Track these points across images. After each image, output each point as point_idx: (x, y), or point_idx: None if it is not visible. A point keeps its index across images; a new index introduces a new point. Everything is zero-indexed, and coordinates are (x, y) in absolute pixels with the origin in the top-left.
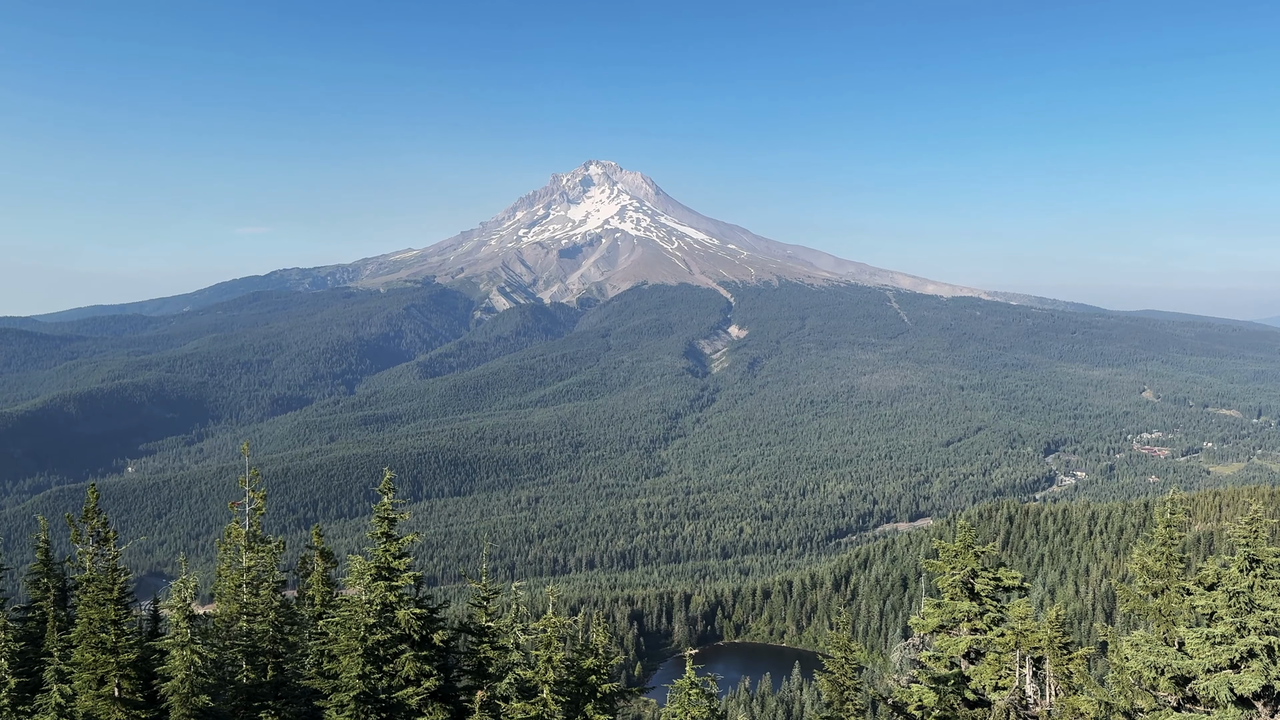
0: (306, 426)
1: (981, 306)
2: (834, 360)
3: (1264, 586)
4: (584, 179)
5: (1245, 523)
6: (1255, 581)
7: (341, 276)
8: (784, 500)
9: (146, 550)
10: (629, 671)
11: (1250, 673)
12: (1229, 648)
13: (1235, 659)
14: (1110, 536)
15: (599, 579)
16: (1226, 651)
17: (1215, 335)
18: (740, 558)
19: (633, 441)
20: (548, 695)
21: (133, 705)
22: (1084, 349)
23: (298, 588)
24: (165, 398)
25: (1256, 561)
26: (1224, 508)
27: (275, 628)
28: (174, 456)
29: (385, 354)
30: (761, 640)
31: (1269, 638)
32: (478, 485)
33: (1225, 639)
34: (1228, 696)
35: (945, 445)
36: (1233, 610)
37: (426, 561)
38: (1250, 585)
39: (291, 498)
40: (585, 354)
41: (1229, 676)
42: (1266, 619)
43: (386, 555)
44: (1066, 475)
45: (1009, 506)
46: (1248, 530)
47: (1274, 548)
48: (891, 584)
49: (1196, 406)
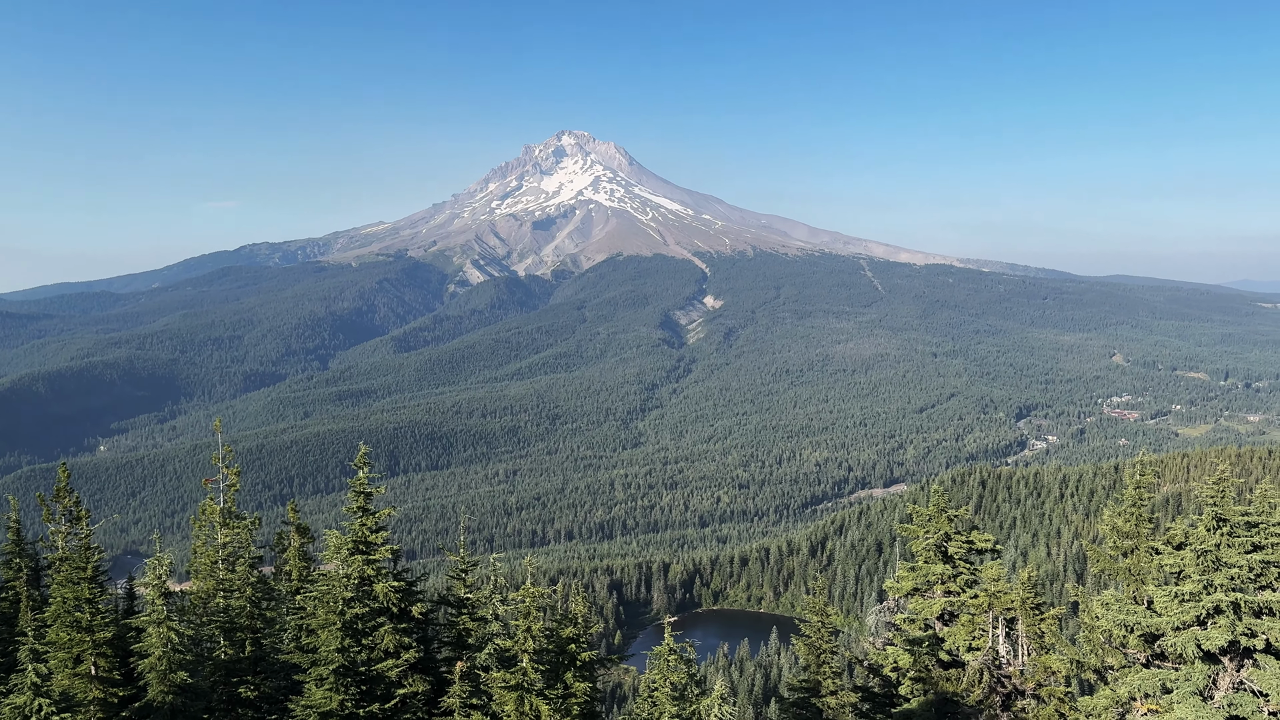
0: (280, 403)
1: (954, 274)
2: (809, 329)
3: (1230, 545)
4: (557, 150)
5: (1212, 483)
6: (1222, 540)
7: (312, 251)
8: (761, 469)
9: (121, 529)
10: (609, 640)
11: (1217, 629)
12: (1196, 605)
13: (1202, 616)
14: (1081, 499)
15: (578, 550)
16: (1194, 609)
17: (1184, 299)
18: (718, 526)
19: (610, 413)
20: (527, 664)
21: (110, 683)
22: (1055, 314)
23: (274, 564)
24: (136, 375)
25: (1223, 520)
26: (1192, 469)
27: (252, 603)
28: (146, 435)
29: (358, 329)
30: (740, 607)
31: (1235, 594)
32: (455, 459)
33: (1193, 596)
34: (1195, 653)
35: (919, 412)
36: (1200, 568)
37: (404, 536)
38: (1217, 544)
39: (267, 474)
40: (561, 326)
41: (1196, 633)
42: (1232, 576)
43: (363, 529)
44: (1038, 439)
45: (981, 471)
46: (1215, 490)
47: (1240, 507)
48: (867, 549)
49: (1165, 370)
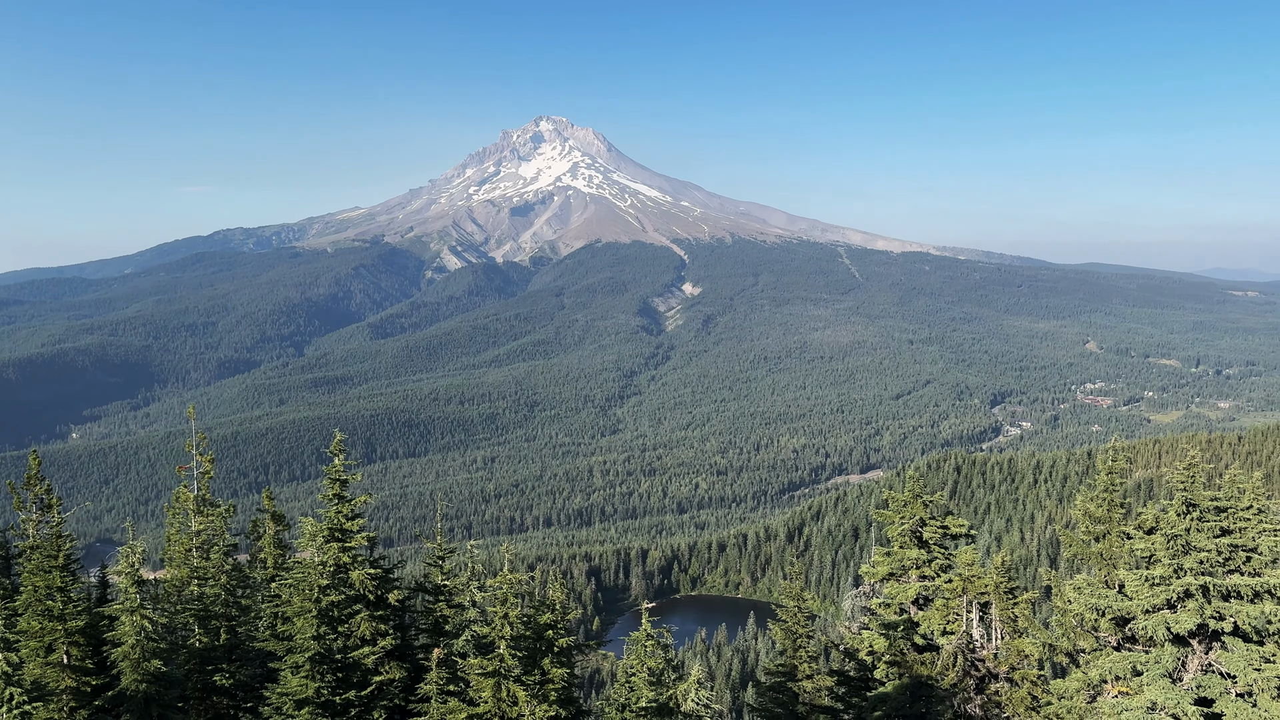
0: (255, 389)
1: (930, 261)
2: (787, 316)
3: (1200, 529)
4: (535, 135)
5: (1183, 469)
6: (1192, 525)
7: (287, 236)
8: (739, 455)
9: (94, 517)
10: (587, 626)
11: (1186, 612)
12: (1166, 588)
13: (1172, 599)
14: (1054, 484)
15: (556, 537)
16: (1164, 592)
17: (1156, 287)
18: (696, 513)
19: (588, 400)
20: (504, 651)
21: (82, 672)
22: (1029, 302)
23: (249, 551)
24: (108, 362)
25: (1193, 505)
26: (1163, 455)
27: (227, 591)
28: (119, 422)
29: (334, 315)
30: (717, 592)
31: (1204, 578)
32: (432, 446)
33: (1163, 580)
34: (1165, 635)
35: (895, 398)
36: (1170, 552)
37: (381, 523)
38: (1187, 528)
39: (242, 462)
40: (539, 313)
41: (1166, 616)
42: (1202, 560)
43: (339, 517)
44: (1012, 426)
45: (956, 457)
46: (1185, 476)
47: (1210, 492)
48: (843, 534)
49: (1138, 357)
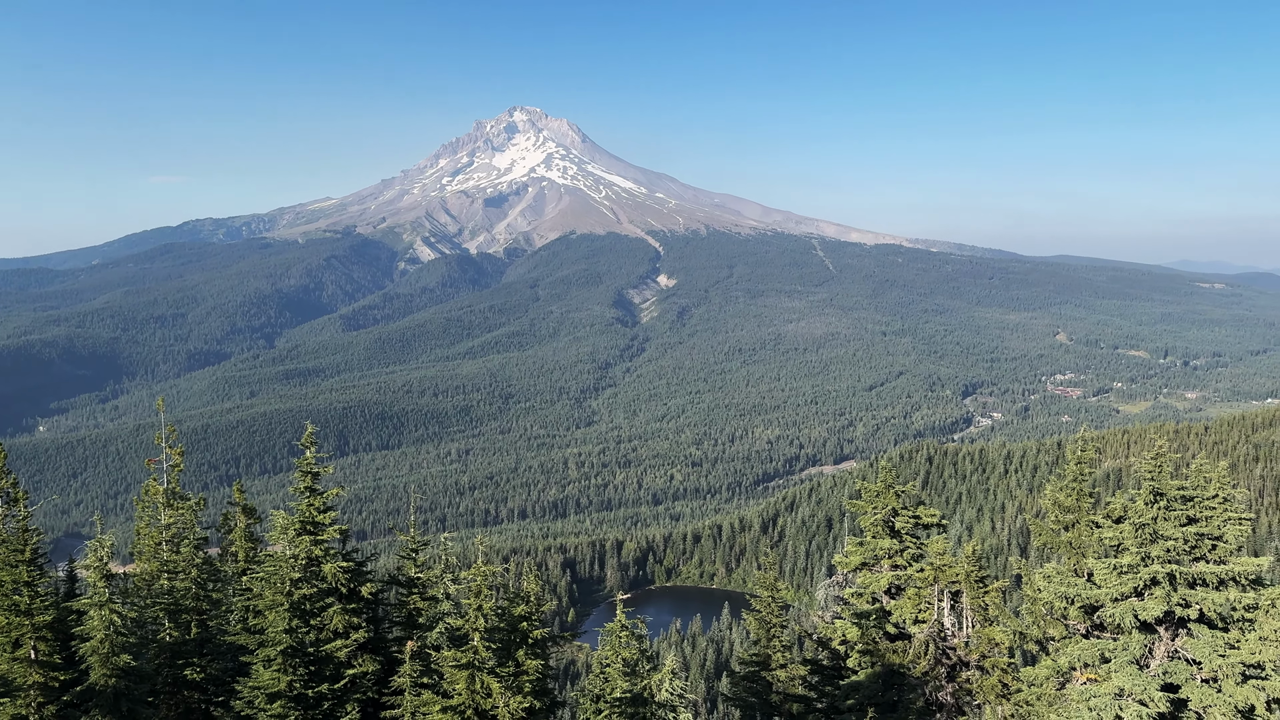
0: (226, 381)
1: (903, 254)
2: (761, 308)
3: (1166, 518)
4: (508, 125)
5: (1150, 458)
6: (1159, 513)
7: (257, 226)
8: (713, 447)
9: (62, 511)
10: (562, 618)
11: (1153, 599)
12: (1134, 576)
13: (1139, 587)
14: (1025, 474)
15: (531, 528)
16: (1132, 580)
17: (1125, 279)
18: (671, 504)
19: (563, 392)
20: (478, 643)
21: (50, 667)
22: (1001, 294)
23: (220, 545)
24: (76, 354)
25: (1160, 495)
26: (1132, 445)
27: (198, 585)
28: (88, 414)
29: (306, 306)
30: (692, 583)
31: (1170, 566)
32: (406, 439)
33: (1131, 568)
34: (1132, 623)
35: (868, 390)
36: (1138, 541)
37: (354, 516)
38: (1154, 517)
39: (213, 454)
40: (513, 305)
41: (1133, 604)
42: (1169, 548)
43: (311, 510)
44: (983, 416)
45: (929, 447)
46: (1153, 465)
47: (1177, 481)
48: (817, 525)
49: (1107, 348)
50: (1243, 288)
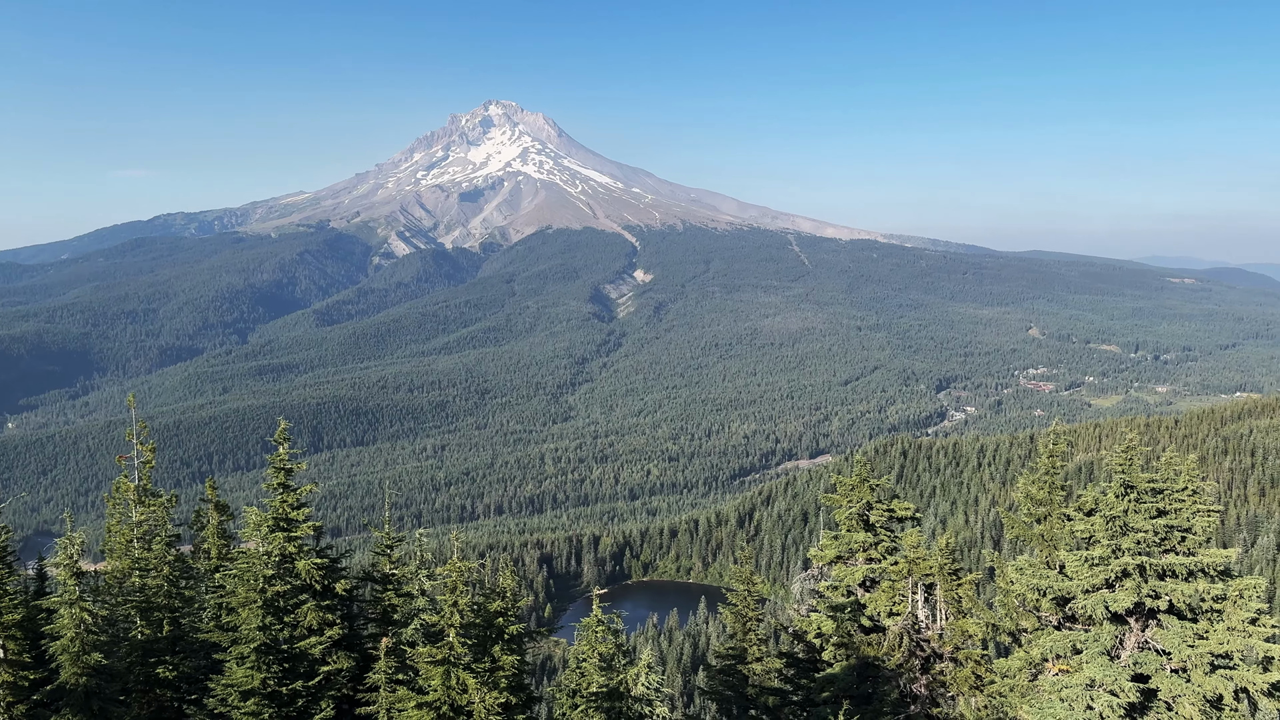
0: (198, 377)
1: (878, 249)
2: (737, 303)
3: (1137, 511)
4: (484, 120)
5: (1121, 451)
6: (1130, 506)
7: (230, 221)
8: (690, 441)
9: (32, 508)
10: (539, 613)
11: (1124, 591)
12: (1105, 568)
13: (1110, 579)
14: (998, 468)
15: (508, 524)
16: (1103, 572)
17: (1097, 274)
18: (648, 499)
19: (539, 387)
20: (454, 639)
21: (19, 666)
22: (974, 289)
23: (193, 542)
24: (45, 350)
25: (1131, 487)
26: (1103, 438)
27: (170, 582)
28: (58, 411)
29: (279, 302)
30: (669, 578)
31: (1140, 558)
32: (381, 435)
33: (1102, 560)
34: (1103, 614)
35: (844, 384)
36: (1109, 533)
37: (329, 512)
38: (1125, 509)
39: (185, 451)
40: (489, 300)
41: (1105, 595)
42: (1139, 540)
43: (284, 506)
44: (957, 410)
45: (903, 441)
46: (1124, 458)
47: (1147, 475)
48: (793, 519)
49: (1079, 343)
50: (1212, 283)
